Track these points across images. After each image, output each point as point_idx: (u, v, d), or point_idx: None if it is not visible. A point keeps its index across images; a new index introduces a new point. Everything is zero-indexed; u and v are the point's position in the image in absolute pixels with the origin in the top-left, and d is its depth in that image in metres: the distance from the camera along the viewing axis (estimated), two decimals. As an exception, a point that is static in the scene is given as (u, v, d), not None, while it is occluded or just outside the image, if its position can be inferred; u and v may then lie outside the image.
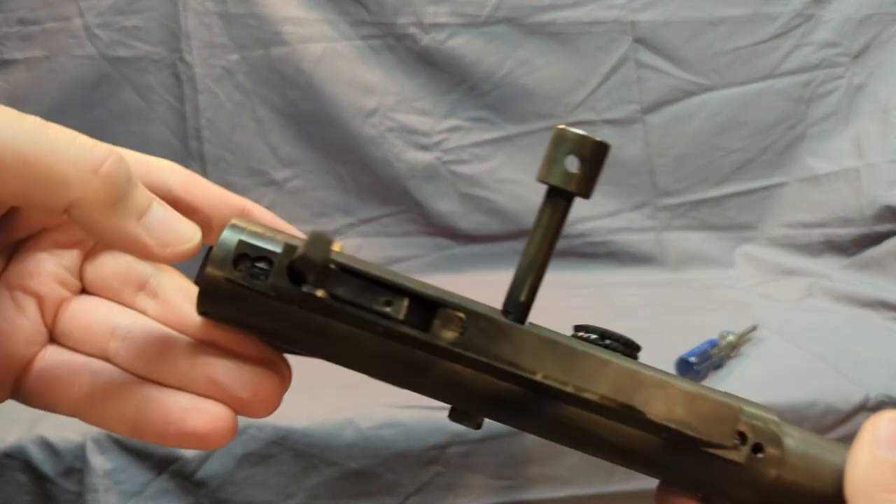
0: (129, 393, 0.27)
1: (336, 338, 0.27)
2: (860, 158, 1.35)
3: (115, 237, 0.25)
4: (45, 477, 0.81)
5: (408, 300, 0.26)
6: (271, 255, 0.26)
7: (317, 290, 0.25)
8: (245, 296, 0.26)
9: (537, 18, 1.36)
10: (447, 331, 0.26)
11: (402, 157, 1.36)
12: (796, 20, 1.38)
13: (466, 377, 0.27)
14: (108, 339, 0.28)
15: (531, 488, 0.88)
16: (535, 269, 0.28)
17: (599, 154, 0.27)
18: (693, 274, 1.37)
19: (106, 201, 0.24)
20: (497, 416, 0.28)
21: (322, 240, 0.23)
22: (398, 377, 0.28)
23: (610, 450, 0.29)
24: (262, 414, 0.28)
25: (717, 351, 1.00)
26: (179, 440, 0.27)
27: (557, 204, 0.29)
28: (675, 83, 1.39)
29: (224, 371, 0.27)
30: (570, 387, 0.26)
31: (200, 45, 1.30)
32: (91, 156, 0.24)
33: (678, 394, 0.26)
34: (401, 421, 0.86)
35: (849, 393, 0.92)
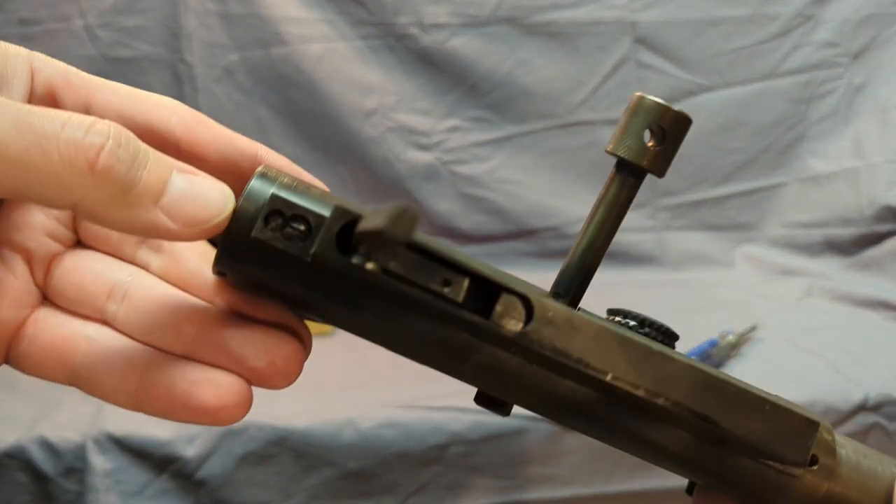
0: (130, 362, 0.24)
1: (373, 312, 0.24)
2: (860, 158, 1.35)
3: (131, 229, 0.22)
4: (45, 477, 0.81)
5: (468, 281, 0.23)
6: (311, 215, 0.23)
7: (368, 263, 0.21)
8: (274, 258, 0.23)
9: (537, 18, 1.36)
10: (509, 319, 0.23)
11: (402, 157, 1.36)
12: (796, 20, 1.38)
13: (512, 364, 0.24)
14: (106, 299, 0.25)
15: (531, 488, 0.88)
16: (593, 251, 0.26)
17: (680, 127, 0.25)
18: (693, 274, 1.37)
19: (111, 197, 0.21)
20: (540, 408, 0.26)
21: (409, 216, 0.19)
22: (435, 358, 0.25)
23: (659, 453, 0.26)
24: (281, 385, 0.25)
25: (717, 351, 1.00)
26: (186, 415, 0.24)
27: (626, 180, 0.25)
28: (675, 83, 1.39)
29: (237, 338, 0.24)
30: (642, 391, 0.24)
31: (201, 45, 1.30)
32: (84, 148, 0.21)
33: (756, 404, 0.24)
34: (401, 421, 0.86)
35: (849, 393, 0.92)
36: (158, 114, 0.25)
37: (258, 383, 0.25)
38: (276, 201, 0.23)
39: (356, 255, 0.22)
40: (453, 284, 0.23)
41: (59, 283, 0.25)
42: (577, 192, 1.38)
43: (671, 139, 0.24)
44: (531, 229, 1.38)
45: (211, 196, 0.23)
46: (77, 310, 0.25)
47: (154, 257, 0.26)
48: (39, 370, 0.25)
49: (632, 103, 0.25)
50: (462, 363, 0.25)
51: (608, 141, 0.26)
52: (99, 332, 0.25)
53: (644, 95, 0.25)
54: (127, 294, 0.25)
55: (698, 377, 0.24)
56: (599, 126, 1.38)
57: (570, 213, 1.38)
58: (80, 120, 0.21)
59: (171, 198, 0.22)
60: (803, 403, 0.96)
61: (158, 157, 0.22)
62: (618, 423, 0.25)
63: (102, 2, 1.28)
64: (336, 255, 0.22)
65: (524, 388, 0.25)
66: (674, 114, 0.24)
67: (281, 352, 0.24)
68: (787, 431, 0.24)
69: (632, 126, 0.24)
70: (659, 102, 0.24)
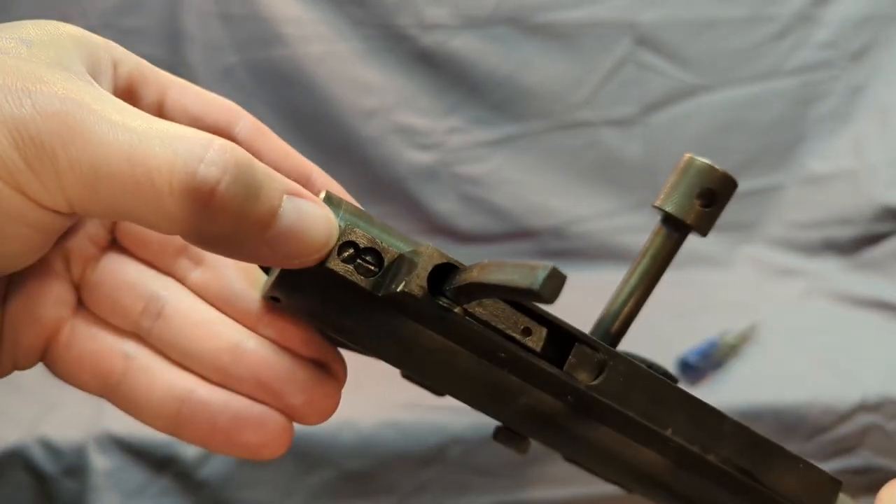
0: (169, 389, 0.24)
1: (425, 349, 0.24)
2: (859, 159, 1.35)
3: (232, 256, 0.21)
4: (46, 476, 0.81)
5: (546, 331, 0.23)
6: (384, 251, 0.22)
7: (455, 306, 0.22)
8: (342, 290, 0.22)
9: (538, 19, 1.36)
10: (582, 371, 0.24)
11: (403, 157, 1.36)
12: (796, 21, 1.38)
13: (554, 408, 0.24)
14: (140, 314, 0.24)
15: (531, 488, 0.88)
16: (634, 300, 0.27)
17: (727, 189, 0.25)
18: (693, 274, 1.37)
19: (220, 233, 0.20)
20: (564, 447, 0.26)
21: (558, 279, 0.19)
22: (479, 399, 0.25)
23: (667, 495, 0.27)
24: (316, 422, 0.24)
25: (717, 351, 1.00)
26: (227, 448, 0.24)
27: (671, 234, 0.26)
28: (675, 83, 1.39)
29: (276, 373, 0.23)
30: (697, 447, 0.24)
31: (201, 46, 1.30)
32: (198, 183, 0.19)
33: (792, 463, 0.25)
34: (400, 421, 0.86)
35: (848, 393, 0.92)
36: (226, 118, 0.25)
37: (293, 418, 0.24)
38: (351, 233, 0.22)
39: (444, 297, 0.22)
40: (533, 333, 0.23)
41: (93, 290, 0.24)
42: (577, 193, 1.38)
43: (717, 200, 0.25)
44: (531, 229, 1.38)
45: (317, 228, 0.21)
46: (112, 320, 0.24)
47: (193, 270, 0.25)
48: (72, 378, 0.25)
49: (682, 163, 0.25)
50: (508, 405, 0.25)
51: (609, 142, 0.26)
52: (136, 350, 0.24)
53: (694, 157, 0.25)
54: (162, 313, 0.24)
55: (746, 436, 0.25)
56: (599, 126, 1.38)
57: (570, 213, 1.38)
58: (194, 143, 0.19)
59: (279, 230, 0.21)
60: (803, 403, 0.96)
61: (270, 181, 0.21)
62: (642, 471, 0.26)
63: (103, 3, 1.28)
64: (426, 296, 0.22)
65: (558, 429, 0.25)
66: (721, 175, 0.25)
67: (320, 390, 0.24)
68: (817, 488, 0.25)
69: (680, 184, 0.25)
70: (707, 164, 0.25)
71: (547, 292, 0.19)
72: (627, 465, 0.26)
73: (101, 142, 0.19)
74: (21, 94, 0.19)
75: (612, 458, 0.26)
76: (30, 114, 0.19)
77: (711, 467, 0.25)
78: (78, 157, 0.19)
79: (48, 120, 0.19)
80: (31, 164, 0.19)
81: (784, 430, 0.90)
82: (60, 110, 0.19)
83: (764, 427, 0.90)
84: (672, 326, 1.12)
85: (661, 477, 0.26)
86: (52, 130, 0.19)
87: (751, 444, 0.25)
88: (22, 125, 0.19)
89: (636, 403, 0.24)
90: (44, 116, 0.19)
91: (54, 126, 0.19)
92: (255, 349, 0.24)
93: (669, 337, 1.04)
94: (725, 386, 0.96)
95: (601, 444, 0.25)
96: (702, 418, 0.25)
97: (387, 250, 0.23)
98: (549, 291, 0.19)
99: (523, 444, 0.27)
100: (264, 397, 0.24)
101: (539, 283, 0.19)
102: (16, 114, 0.19)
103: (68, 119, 0.19)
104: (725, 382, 0.96)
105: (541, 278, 0.19)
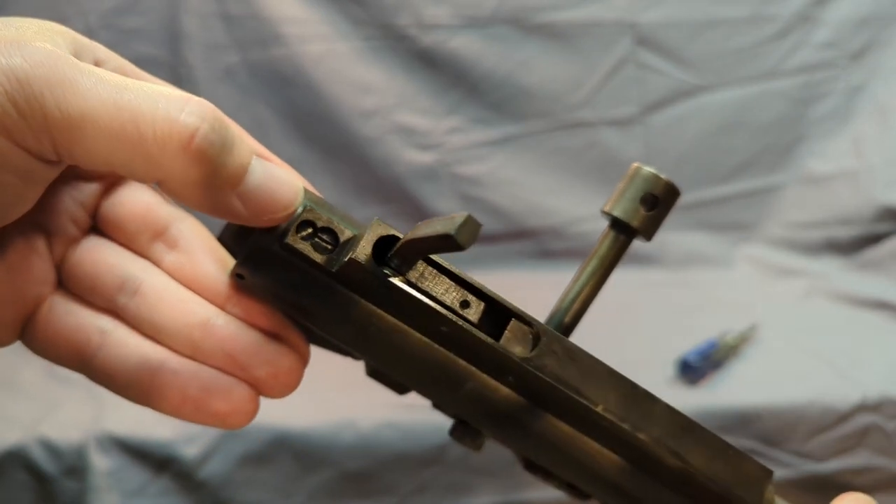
0: (143, 361, 0.25)
1: (381, 330, 0.25)
2: (859, 159, 1.35)
3: (204, 209, 0.23)
4: (46, 476, 0.81)
5: (484, 305, 0.25)
6: (340, 230, 0.24)
7: (397, 276, 0.24)
8: (300, 266, 0.24)
9: (538, 19, 1.36)
10: (517, 345, 0.25)
11: (402, 157, 1.36)
12: (795, 21, 1.38)
13: (499, 395, 0.26)
14: (117, 292, 0.25)
15: (531, 488, 0.88)
16: (583, 296, 0.28)
17: (670, 197, 0.27)
18: (693, 274, 1.37)
19: (197, 179, 0.21)
20: (513, 438, 0.27)
21: (473, 224, 0.21)
22: (429, 383, 0.26)
23: (614, 491, 0.27)
24: (279, 395, 0.26)
25: (717, 351, 1.00)
26: (196, 417, 0.25)
27: (618, 237, 0.28)
28: (675, 83, 1.39)
29: (242, 347, 0.25)
30: (628, 424, 0.25)
31: (201, 46, 1.30)
32: (179, 129, 0.21)
33: (722, 449, 0.26)
34: (400, 421, 0.86)
35: (848, 393, 0.92)
36: None
37: (259, 390, 0.26)
38: (310, 212, 0.24)
39: (388, 267, 0.24)
40: (471, 306, 0.24)
41: (73, 270, 0.26)
42: (577, 193, 1.38)
43: (662, 206, 0.27)
44: (531, 229, 1.38)
45: (284, 189, 0.23)
46: (89, 298, 0.26)
47: (168, 254, 0.26)
48: (50, 353, 0.26)
49: (630, 172, 0.27)
50: (455, 387, 0.26)
51: (609, 142, 0.27)
52: (112, 326, 0.26)
53: (641, 166, 0.27)
54: (139, 290, 0.26)
55: (676, 419, 0.26)
56: (599, 126, 1.39)
57: (570, 213, 1.38)
58: (176, 97, 0.21)
59: (249, 186, 0.23)
60: (803, 403, 0.96)
61: (241, 140, 0.23)
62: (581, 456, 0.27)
63: (103, 3, 1.28)
64: (371, 264, 0.23)
65: (502, 415, 0.26)
66: (664, 183, 0.27)
67: (283, 365, 0.26)
68: (746, 476, 0.26)
69: (627, 191, 0.27)
70: (652, 172, 0.27)
71: (462, 238, 0.21)
72: (567, 453, 0.27)
73: (88, 89, 0.20)
74: (11, 48, 0.20)
75: (551, 444, 0.27)
76: (19, 63, 0.20)
77: (642, 446, 0.25)
78: (66, 101, 0.20)
79: (37, 67, 0.20)
80: (20, 109, 0.20)
81: (784, 430, 0.90)
82: (49, 60, 0.20)
83: (764, 427, 0.90)
84: (672, 326, 1.12)
85: (596, 463, 0.27)
86: (40, 76, 0.20)
87: (681, 428, 0.26)
88: (11, 71, 0.20)
89: (569, 379, 0.25)
90: (33, 64, 0.20)
91: (43, 72, 0.20)
92: (224, 325, 0.25)
93: (669, 337, 1.04)
94: (725, 386, 0.96)
95: (541, 429, 0.26)
96: (633, 398, 0.25)
97: (342, 230, 0.24)
98: (465, 237, 0.21)
99: (478, 440, 0.28)
100: (232, 369, 0.25)
101: (455, 228, 0.21)
102: (4, 63, 0.20)
103: (57, 67, 0.20)
104: (725, 382, 0.96)
105: (457, 224, 0.21)
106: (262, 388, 0.26)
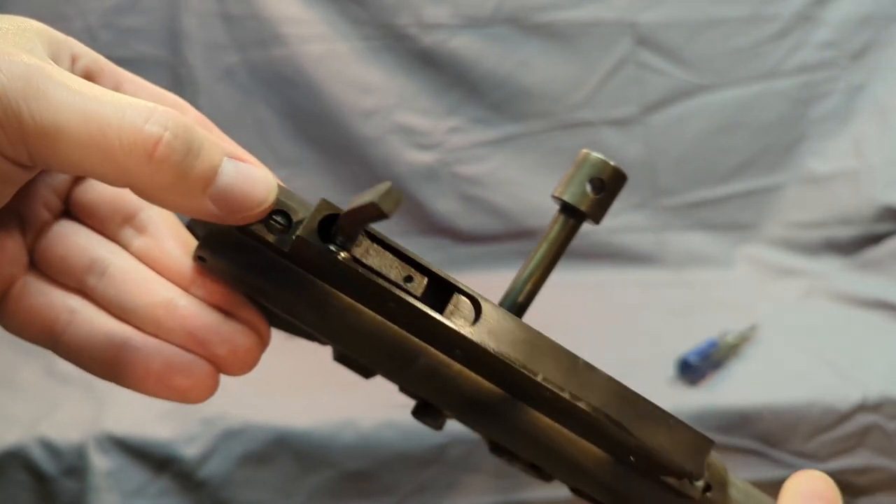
0: (109, 338, 0.26)
1: (335, 308, 0.26)
2: (859, 159, 1.35)
3: (178, 211, 0.24)
4: (46, 477, 0.81)
5: (427, 280, 0.26)
6: (293, 211, 0.25)
7: (343, 251, 0.25)
8: (253, 248, 0.26)
9: (538, 19, 1.36)
10: (459, 317, 0.26)
11: (402, 157, 1.36)
12: (796, 20, 1.38)
13: (451, 371, 0.27)
14: (86, 272, 0.27)
15: (531, 488, 0.88)
16: (535, 278, 0.29)
17: (617, 182, 0.28)
18: (693, 274, 1.37)
19: (165, 184, 0.22)
20: (468, 415, 0.28)
21: (395, 193, 0.22)
22: (384, 359, 0.28)
23: (571, 468, 0.29)
24: (237, 373, 0.27)
25: (717, 351, 1.00)
26: (158, 391, 0.27)
27: (567, 221, 0.29)
28: (675, 83, 1.39)
29: (203, 325, 0.26)
30: (567, 393, 0.26)
31: (201, 46, 1.30)
32: (144, 138, 0.22)
33: (662, 418, 0.26)
34: (400, 421, 0.86)
35: (848, 393, 0.92)
36: None
37: (219, 368, 0.27)
38: None
39: (333, 244, 0.25)
40: (414, 280, 0.26)
41: (45, 251, 0.27)
42: (577, 193, 1.38)
43: (609, 190, 0.28)
44: (531, 229, 1.38)
45: (256, 186, 0.24)
46: (59, 279, 0.27)
47: (137, 238, 0.28)
48: (21, 331, 0.27)
49: (579, 158, 0.28)
50: (407, 363, 0.27)
51: (609, 142, 0.28)
52: (81, 304, 0.27)
53: (590, 152, 0.28)
54: (106, 271, 0.27)
55: (616, 389, 0.26)
56: (599, 126, 1.39)
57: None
58: (141, 107, 0.22)
59: (219, 187, 0.23)
60: (803, 403, 0.96)
61: (211, 143, 0.24)
62: (531, 429, 0.28)
63: (103, 2, 1.28)
64: (315, 240, 0.25)
65: (455, 391, 0.27)
66: (612, 169, 0.28)
67: (242, 343, 0.27)
68: (687, 445, 0.26)
69: (576, 176, 0.28)
70: (600, 158, 0.28)
71: (386, 206, 0.22)
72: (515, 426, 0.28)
73: (61, 101, 0.21)
74: None
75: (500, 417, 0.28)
76: None
77: (582, 415, 0.26)
78: (40, 113, 0.21)
79: (14, 80, 0.21)
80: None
81: (784, 430, 0.90)
82: (25, 73, 0.21)
83: (764, 427, 0.90)
84: (672, 326, 1.12)
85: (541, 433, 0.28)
86: (17, 90, 0.21)
87: (621, 398, 0.26)
88: None
89: (510, 349, 0.26)
90: (10, 78, 0.21)
91: (20, 86, 0.21)
92: (187, 306, 0.27)
93: (669, 337, 1.04)
94: (725, 386, 0.96)
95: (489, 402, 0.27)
96: (574, 368, 0.26)
97: (295, 211, 0.25)
98: (388, 205, 0.22)
99: (439, 420, 0.29)
100: (193, 347, 0.27)
101: (378, 197, 0.22)
102: None
103: (32, 81, 0.21)
104: (725, 382, 0.96)
105: (381, 193, 0.22)
106: (222, 366, 0.27)
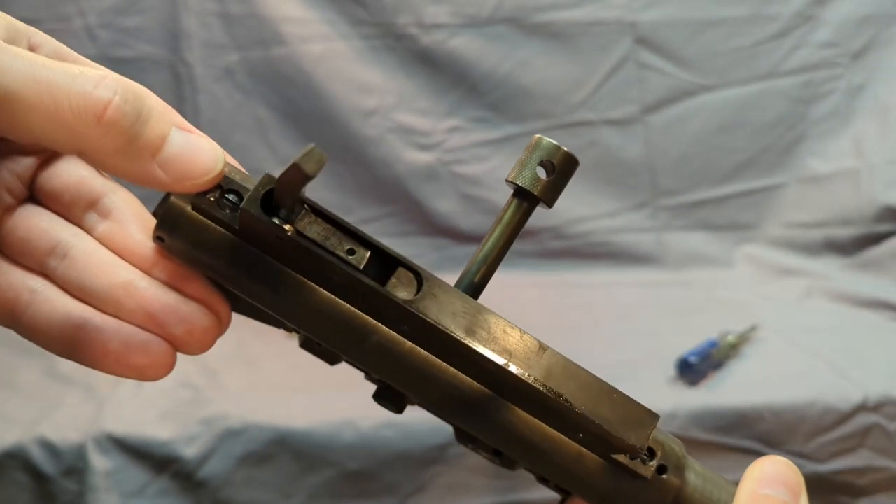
0: (68, 317, 0.27)
1: (287, 287, 0.27)
2: (860, 158, 1.35)
3: (127, 177, 0.24)
4: (45, 477, 0.81)
5: (369, 253, 0.26)
6: (243, 189, 0.26)
7: (286, 224, 0.25)
8: (206, 227, 0.26)
9: (538, 19, 1.36)
10: (402, 290, 0.26)
11: (402, 157, 1.36)
12: (796, 20, 1.38)
13: (403, 348, 0.27)
14: (48, 255, 0.27)
15: (531, 488, 0.88)
16: (489, 261, 0.29)
17: (568, 165, 0.28)
18: (693, 274, 1.37)
19: (114, 147, 0.23)
20: (421, 393, 0.28)
21: (317, 154, 0.23)
22: (337, 337, 0.28)
23: (527, 450, 0.28)
24: (194, 352, 0.28)
25: (717, 351, 1.00)
26: (117, 369, 0.27)
27: (521, 205, 0.29)
28: (675, 83, 1.39)
29: (161, 305, 0.27)
30: (509, 365, 0.26)
31: (200, 45, 1.30)
32: (93, 102, 0.22)
33: (606, 392, 0.27)
34: (400, 421, 0.86)
35: (848, 393, 0.92)
36: None
37: (176, 347, 0.28)
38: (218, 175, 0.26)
39: (277, 217, 0.25)
40: (357, 253, 0.26)
41: (8, 234, 0.27)
42: (576, 193, 1.38)
43: (560, 173, 0.28)
44: (531, 229, 1.38)
45: (203, 155, 0.25)
46: (21, 261, 0.28)
47: (101, 222, 0.28)
48: None
49: (531, 143, 0.29)
50: (360, 341, 0.27)
51: (609, 142, 0.28)
52: (42, 285, 0.27)
53: (542, 137, 0.29)
54: (68, 254, 0.27)
55: (561, 362, 0.27)
56: (599, 126, 1.38)
57: (570, 213, 1.38)
58: (91, 74, 0.23)
59: (168, 154, 0.24)
60: (803, 403, 0.95)
61: (161, 112, 0.24)
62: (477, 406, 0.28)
63: (102, 2, 1.28)
64: (258, 211, 0.25)
65: (407, 369, 0.28)
66: (563, 153, 0.28)
67: (199, 323, 0.27)
68: (631, 418, 0.27)
69: (529, 161, 0.29)
70: (552, 143, 0.28)
71: (308, 166, 0.23)
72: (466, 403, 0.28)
73: (12, 68, 0.22)
74: None
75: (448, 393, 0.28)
76: None
77: (524, 387, 0.26)
78: None
79: None
80: None
81: (784, 430, 0.90)
82: None
83: (765, 427, 0.90)
84: (672, 326, 1.12)
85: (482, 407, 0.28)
86: None
87: (565, 370, 0.26)
88: None
89: (450, 321, 0.26)
90: None
91: None
92: (146, 287, 0.27)
93: (669, 337, 1.04)
94: (725, 386, 0.96)
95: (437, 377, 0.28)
96: (517, 341, 0.26)
97: (246, 189, 0.26)
98: (310, 166, 0.23)
99: (398, 402, 0.29)
100: (151, 327, 0.27)
101: (300, 158, 0.23)
102: None
103: None
104: (725, 382, 0.96)
105: (302, 154, 0.23)
106: (179, 345, 0.27)
